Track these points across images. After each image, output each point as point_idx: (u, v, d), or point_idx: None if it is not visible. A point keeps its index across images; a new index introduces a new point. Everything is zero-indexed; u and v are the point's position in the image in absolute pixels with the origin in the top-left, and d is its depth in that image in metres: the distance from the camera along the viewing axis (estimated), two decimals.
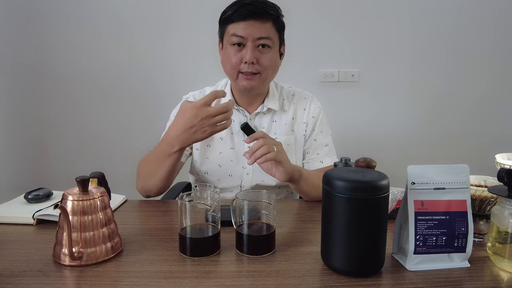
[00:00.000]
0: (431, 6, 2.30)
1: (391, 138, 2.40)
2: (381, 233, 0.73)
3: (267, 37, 1.18)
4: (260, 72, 1.20)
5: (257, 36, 1.17)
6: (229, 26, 1.19)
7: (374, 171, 0.76)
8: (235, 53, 1.19)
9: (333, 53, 2.32)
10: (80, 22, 2.22)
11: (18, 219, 0.99)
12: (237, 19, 1.17)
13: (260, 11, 1.16)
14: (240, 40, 1.17)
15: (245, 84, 1.21)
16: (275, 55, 1.23)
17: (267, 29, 1.18)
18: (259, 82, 1.22)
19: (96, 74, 2.28)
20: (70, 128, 2.33)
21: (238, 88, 1.27)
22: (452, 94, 2.41)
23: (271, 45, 1.20)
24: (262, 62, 1.19)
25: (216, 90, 1.01)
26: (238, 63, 1.19)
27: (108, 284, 0.71)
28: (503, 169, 0.76)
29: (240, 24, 1.17)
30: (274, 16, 1.19)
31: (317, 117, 1.34)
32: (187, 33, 2.25)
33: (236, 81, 1.23)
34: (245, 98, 1.31)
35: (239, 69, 1.20)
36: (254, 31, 1.16)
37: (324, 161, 1.31)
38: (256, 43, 1.18)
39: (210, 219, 0.83)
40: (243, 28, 1.16)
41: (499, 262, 0.77)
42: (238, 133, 1.31)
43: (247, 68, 1.18)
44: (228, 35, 1.19)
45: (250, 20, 1.16)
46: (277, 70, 1.27)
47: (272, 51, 1.21)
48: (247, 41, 1.17)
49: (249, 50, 1.17)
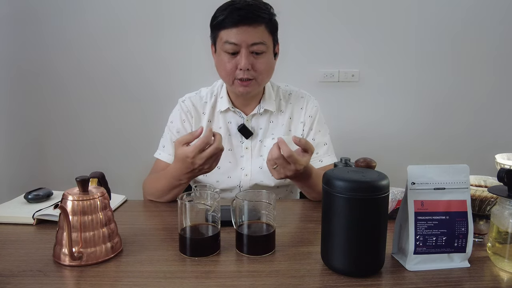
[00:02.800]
0: (431, 6, 2.30)
1: (391, 138, 2.40)
2: (381, 233, 0.73)
3: (261, 42, 1.16)
4: (255, 78, 1.19)
5: (250, 42, 1.14)
6: (221, 32, 1.16)
7: (374, 171, 0.76)
8: (229, 59, 1.17)
9: (333, 53, 2.32)
10: (78, 24, 2.22)
11: (18, 219, 0.99)
12: (229, 25, 1.14)
13: (252, 15, 1.13)
14: (233, 48, 1.15)
15: (241, 90, 1.20)
16: (270, 58, 1.21)
17: (260, 33, 1.15)
18: (255, 87, 1.21)
19: (95, 75, 2.28)
20: (70, 128, 2.33)
21: (234, 92, 1.26)
22: (452, 94, 2.41)
23: (265, 49, 1.18)
24: (257, 68, 1.17)
25: (192, 132, 1.03)
26: (233, 69, 1.18)
27: (108, 284, 0.71)
28: (503, 169, 0.76)
29: (232, 31, 1.14)
30: (266, 19, 1.16)
31: (315, 116, 1.33)
32: (183, 34, 2.25)
33: (233, 87, 1.22)
34: (241, 100, 1.30)
35: (234, 75, 1.18)
36: (247, 37, 1.14)
37: (323, 160, 1.31)
38: (250, 49, 1.16)
39: (210, 219, 0.83)
40: (235, 34, 1.14)
41: (499, 262, 0.77)
42: (236, 135, 1.30)
43: (242, 75, 1.17)
44: (221, 41, 1.17)
45: (243, 26, 1.13)
46: (272, 72, 1.25)
47: (266, 55, 1.19)
48: (241, 48, 1.15)
49: (244, 57, 1.15)
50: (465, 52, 2.36)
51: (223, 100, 1.30)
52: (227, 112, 1.31)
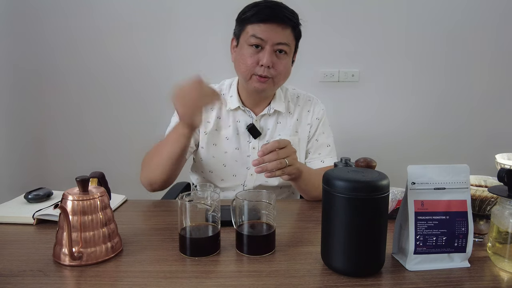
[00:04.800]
0: (431, 6, 2.30)
1: (391, 138, 2.40)
2: (381, 233, 0.73)
3: (286, 43, 1.18)
4: (273, 77, 1.20)
5: (276, 41, 1.16)
6: (249, 26, 1.18)
7: (374, 171, 0.76)
8: (252, 54, 1.18)
9: (333, 53, 2.32)
10: (79, 22, 2.22)
11: (18, 219, 0.99)
12: (258, 21, 1.16)
13: (282, 16, 1.16)
14: (259, 42, 1.16)
15: (258, 86, 1.21)
16: (289, 62, 1.24)
17: (286, 35, 1.18)
18: (270, 86, 1.22)
19: (96, 74, 2.28)
20: (70, 128, 2.33)
21: (248, 89, 1.26)
22: (453, 94, 2.41)
23: (288, 51, 1.20)
24: (277, 67, 1.19)
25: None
26: (254, 65, 1.18)
27: (108, 284, 0.71)
28: (503, 169, 0.76)
29: (260, 26, 1.16)
30: (294, 23, 1.19)
31: (321, 119, 1.35)
32: (187, 33, 2.25)
33: (249, 82, 1.22)
34: (252, 100, 1.31)
35: (254, 71, 1.19)
36: (275, 36, 1.16)
37: (325, 161, 1.31)
38: (275, 48, 1.17)
39: (210, 219, 0.83)
40: (263, 31, 1.15)
41: (499, 262, 0.77)
42: (244, 134, 1.31)
43: (262, 72, 1.18)
44: (247, 35, 1.18)
45: (271, 24, 1.15)
46: (288, 76, 1.27)
47: (287, 58, 1.21)
48: (266, 44, 1.16)
49: (267, 53, 1.16)
50: (466, 52, 2.36)
51: (233, 99, 1.31)
52: (236, 111, 1.31)
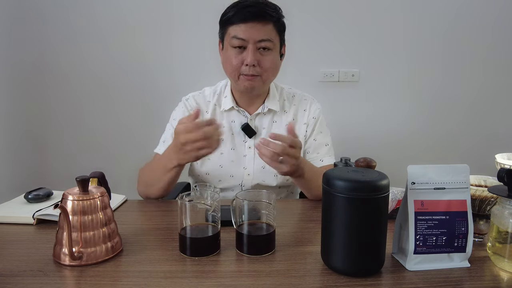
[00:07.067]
0: (430, 6, 2.30)
1: (391, 138, 2.40)
2: (381, 233, 0.73)
3: (268, 39, 1.18)
4: (260, 75, 1.21)
5: (258, 38, 1.17)
6: (230, 27, 1.19)
7: (374, 171, 0.76)
8: (236, 55, 1.19)
9: (333, 53, 2.32)
10: (80, 21, 2.22)
11: (18, 219, 0.99)
12: (238, 21, 1.16)
13: (261, 13, 1.16)
14: (241, 43, 1.17)
15: (247, 84, 1.21)
16: (276, 57, 1.23)
17: (268, 31, 1.18)
18: (259, 83, 1.23)
19: (96, 74, 2.28)
20: (70, 128, 2.33)
21: (239, 89, 1.27)
22: (453, 93, 2.41)
23: (272, 47, 1.20)
24: (263, 65, 1.19)
25: (190, 114, 1.00)
26: (239, 65, 1.19)
27: (108, 284, 0.71)
28: (503, 169, 0.76)
29: (241, 26, 1.16)
30: (275, 18, 1.19)
31: (317, 118, 1.35)
32: (189, 33, 2.25)
33: (238, 82, 1.23)
34: (246, 99, 1.31)
35: (240, 71, 1.20)
36: (255, 34, 1.16)
37: (324, 160, 1.31)
38: (257, 46, 1.18)
39: (210, 219, 0.83)
40: (244, 31, 1.16)
41: (499, 262, 0.77)
42: (239, 134, 1.31)
43: (248, 71, 1.18)
44: (229, 37, 1.19)
45: (251, 22, 1.16)
46: (277, 71, 1.27)
47: (273, 53, 1.21)
48: (248, 44, 1.17)
49: (250, 52, 1.17)
50: (466, 52, 2.36)
51: (227, 99, 1.31)
52: (231, 111, 1.32)
